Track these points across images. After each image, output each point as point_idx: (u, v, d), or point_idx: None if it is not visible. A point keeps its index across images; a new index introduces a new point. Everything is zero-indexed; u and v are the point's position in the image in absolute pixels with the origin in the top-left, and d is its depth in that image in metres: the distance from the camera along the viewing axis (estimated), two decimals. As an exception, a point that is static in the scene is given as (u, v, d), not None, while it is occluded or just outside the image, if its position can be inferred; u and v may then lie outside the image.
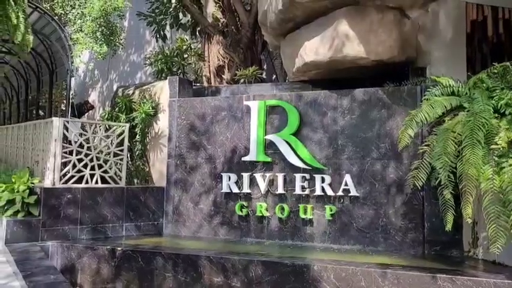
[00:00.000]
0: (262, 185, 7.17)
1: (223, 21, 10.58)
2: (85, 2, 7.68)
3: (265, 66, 11.86)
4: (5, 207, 6.61)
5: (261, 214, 7.14)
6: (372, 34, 6.53)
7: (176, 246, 6.78)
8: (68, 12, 7.74)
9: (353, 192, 6.61)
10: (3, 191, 6.72)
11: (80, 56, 7.73)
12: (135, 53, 15.11)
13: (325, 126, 6.94)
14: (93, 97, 16.49)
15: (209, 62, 10.57)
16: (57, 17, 8.29)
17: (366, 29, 6.53)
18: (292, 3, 6.70)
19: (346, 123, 6.81)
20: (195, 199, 7.72)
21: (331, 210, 6.69)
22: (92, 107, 14.57)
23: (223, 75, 10.50)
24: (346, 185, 6.66)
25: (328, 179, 6.76)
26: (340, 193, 6.70)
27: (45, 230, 6.65)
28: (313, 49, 6.96)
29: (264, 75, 10.37)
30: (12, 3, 6.33)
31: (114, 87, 15.16)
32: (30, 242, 6.49)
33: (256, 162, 7.29)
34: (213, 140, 7.72)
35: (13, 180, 6.94)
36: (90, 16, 7.47)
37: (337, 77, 7.40)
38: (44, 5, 8.06)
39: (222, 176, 7.51)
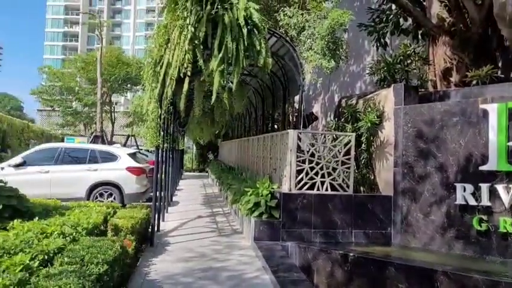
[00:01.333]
0: (506, 198, 6.42)
1: (450, 21, 9.92)
2: (314, 22, 8.31)
3: (500, 64, 10.59)
4: (252, 209, 7.65)
5: (505, 230, 6.40)
6: None
7: (408, 258, 6.66)
8: (299, 34, 8.53)
9: None
10: (251, 194, 7.81)
11: (310, 73, 8.42)
12: (354, 64, 15.48)
13: None
14: (316, 108, 17.56)
15: (434, 65, 10.05)
16: (290, 38, 9.18)
17: None
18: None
19: None
20: (425, 210, 7.43)
21: None
22: (316, 118, 15.52)
23: (450, 78, 9.83)
24: None
25: None
26: None
27: (285, 231, 7.42)
28: None
29: (500, 74, 9.29)
30: (256, 32, 7.33)
31: (335, 98, 15.83)
32: (273, 241, 7.34)
33: (497, 172, 6.58)
34: (443, 148, 7.31)
35: (257, 185, 7.97)
36: (319, 35, 8.06)
37: None
38: (280, 30, 9.08)
39: (455, 186, 7.03)
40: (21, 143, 26.99)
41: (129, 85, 41.16)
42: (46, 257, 4.44)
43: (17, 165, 11.09)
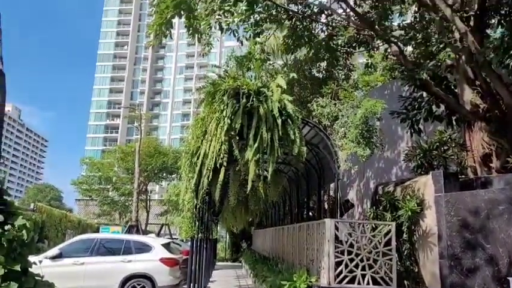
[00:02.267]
0: None
1: (484, 107, 9.89)
2: (346, 111, 8.50)
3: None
4: (291, 304, 7.26)
5: None
6: None
7: None
8: (332, 123, 8.72)
9: None
10: (287, 288, 7.45)
11: (345, 161, 8.42)
12: (388, 150, 15.40)
13: None
14: (351, 195, 17.25)
15: (472, 151, 9.86)
16: (323, 127, 9.33)
17: None
18: None
19: None
20: (478, 306, 6.84)
21: None
22: (352, 206, 15.19)
23: (491, 164, 9.56)
24: None
25: None
26: None
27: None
28: None
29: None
30: (290, 122, 7.50)
31: (371, 185, 15.56)
32: None
33: (555, 264, 6.10)
34: (492, 238, 6.90)
35: (294, 278, 7.64)
36: (352, 123, 8.19)
37: None
38: (313, 119, 9.30)
39: (508, 280, 6.51)
40: (58, 233, 27.39)
41: (164, 174, 42.15)
42: None
43: (54, 257, 11.15)
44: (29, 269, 6.43)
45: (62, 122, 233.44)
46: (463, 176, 9.20)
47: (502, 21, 10.43)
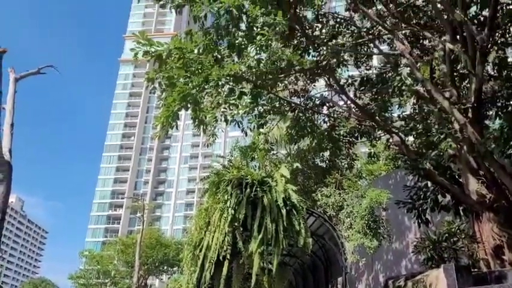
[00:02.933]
0: None
1: (491, 197, 9.78)
2: (351, 200, 8.42)
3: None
4: None
5: None
6: None
7: None
8: (337, 212, 8.59)
9: None
10: None
11: (352, 253, 8.15)
12: (396, 241, 14.99)
13: None
14: (360, 289, 16.47)
15: (483, 243, 9.56)
16: (328, 217, 9.19)
17: None
18: None
19: None
20: None
21: None
22: (362, 301, 14.43)
23: (503, 257, 9.21)
24: None
25: None
26: None
27: None
28: None
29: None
30: (295, 212, 7.40)
31: (380, 278, 14.93)
32: None
33: None
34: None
35: None
36: (358, 214, 8.07)
37: None
38: (318, 209, 9.19)
39: None
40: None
41: (165, 267, 40.77)
42: None
43: None
44: None
45: (65, 212, 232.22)
46: (475, 270, 8.83)
47: (500, 113, 10.73)
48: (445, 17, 10.47)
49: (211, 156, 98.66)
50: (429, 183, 11.52)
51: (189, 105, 9.68)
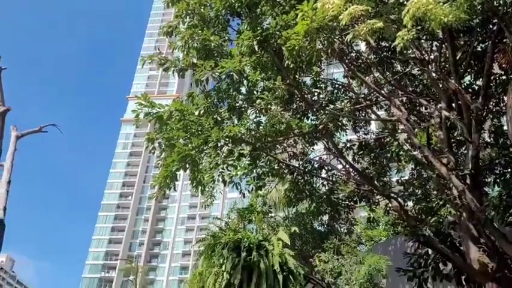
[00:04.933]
0: None
1: (493, 266, 9.52)
2: (350, 266, 8.18)
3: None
4: None
5: None
6: None
7: None
8: (335, 279, 8.32)
9: None
10: None
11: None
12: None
13: None
14: None
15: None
16: (326, 284, 8.90)
17: None
18: None
19: None
20: None
21: None
22: None
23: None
24: None
25: None
26: None
27: None
28: None
29: None
30: (292, 278, 7.18)
31: None
32: None
33: None
34: None
35: None
36: (356, 281, 7.80)
37: None
38: (316, 275, 8.91)
39: None
40: None
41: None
42: None
43: None
44: None
45: (55, 273, 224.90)
46: None
47: (498, 180, 10.73)
48: (440, 85, 10.76)
49: (208, 217, 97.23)
50: (430, 251, 11.26)
51: (187, 166, 9.72)
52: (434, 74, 11.00)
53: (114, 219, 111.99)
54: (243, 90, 10.28)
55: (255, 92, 9.84)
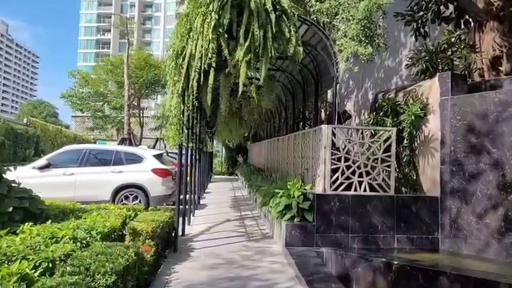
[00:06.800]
0: None
1: (498, 4, 9.01)
2: (348, 5, 7.66)
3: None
4: (283, 212, 7.00)
5: None
6: None
7: (461, 267, 5.86)
8: (331, 19, 7.91)
9: None
10: (281, 196, 7.15)
11: (345, 62, 7.75)
12: (389, 58, 14.59)
13: None
14: (348, 107, 16.73)
15: (481, 53, 9.15)
16: (322, 26, 8.53)
17: None
18: None
19: None
20: (479, 212, 6.59)
21: None
22: (350, 116, 14.73)
23: (500, 68, 8.90)
24: None
25: None
26: None
27: (319, 235, 6.73)
28: None
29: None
30: (285, 18, 6.71)
31: (369, 95, 14.99)
32: (306, 247, 6.66)
33: None
34: (498, 142, 6.47)
35: (288, 186, 7.32)
36: (354, 19, 7.39)
37: None
38: (311, 17, 8.46)
39: (515, 185, 6.19)
40: (54, 148, 27.19)
41: (157, 87, 41.01)
42: (51, 265, 3.94)
43: (42, 168, 10.82)
44: (3, 175, 6.04)
45: (52, 39, 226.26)
46: (470, 80, 8.60)
47: None
48: None
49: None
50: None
51: None
52: None
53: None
54: None
55: None
